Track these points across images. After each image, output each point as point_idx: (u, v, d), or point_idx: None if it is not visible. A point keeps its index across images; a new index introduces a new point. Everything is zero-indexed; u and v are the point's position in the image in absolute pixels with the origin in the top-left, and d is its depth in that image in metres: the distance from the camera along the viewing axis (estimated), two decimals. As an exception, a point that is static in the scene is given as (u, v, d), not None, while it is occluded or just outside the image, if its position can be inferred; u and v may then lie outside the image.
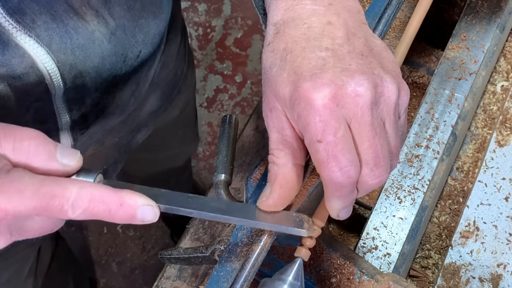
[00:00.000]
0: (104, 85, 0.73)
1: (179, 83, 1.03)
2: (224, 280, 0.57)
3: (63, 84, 0.66)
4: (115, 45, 0.70)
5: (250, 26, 2.38)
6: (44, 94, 0.66)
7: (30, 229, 0.48)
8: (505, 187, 0.84)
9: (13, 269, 1.08)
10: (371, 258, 0.77)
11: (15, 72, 0.62)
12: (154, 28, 0.77)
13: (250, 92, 2.30)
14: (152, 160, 1.36)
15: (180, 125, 1.25)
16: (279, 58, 0.52)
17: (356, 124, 0.48)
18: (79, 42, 0.65)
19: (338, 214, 0.52)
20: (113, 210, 0.46)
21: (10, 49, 0.60)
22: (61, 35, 0.63)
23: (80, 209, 0.45)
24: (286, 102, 0.50)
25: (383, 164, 0.50)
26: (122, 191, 0.47)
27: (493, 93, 0.95)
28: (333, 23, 0.52)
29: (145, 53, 0.77)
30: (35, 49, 0.61)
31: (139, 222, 0.48)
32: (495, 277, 0.78)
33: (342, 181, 0.48)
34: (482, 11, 0.93)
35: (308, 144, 0.49)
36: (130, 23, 0.71)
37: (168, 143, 1.31)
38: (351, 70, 0.49)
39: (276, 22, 0.54)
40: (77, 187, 0.46)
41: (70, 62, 0.65)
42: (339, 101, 0.48)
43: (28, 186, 0.44)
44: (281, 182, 0.52)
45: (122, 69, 0.74)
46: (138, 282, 2.01)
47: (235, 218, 0.51)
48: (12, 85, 0.63)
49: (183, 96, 1.11)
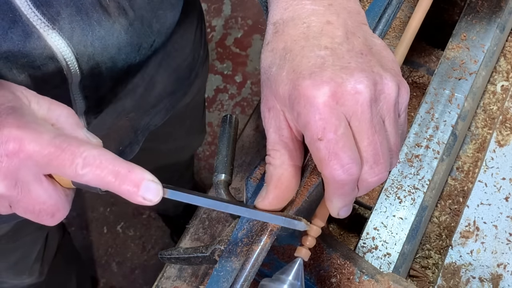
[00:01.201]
0: (119, 74, 0.74)
1: (197, 67, 1.04)
2: (224, 280, 0.57)
3: (80, 74, 0.68)
4: (131, 35, 0.71)
5: (250, 26, 2.38)
6: (61, 82, 0.68)
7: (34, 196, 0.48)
8: (505, 187, 0.84)
9: (21, 252, 1.11)
10: (371, 258, 0.77)
11: (34, 63, 0.63)
12: (170, 19, 0.78)
13: (250, 92, 2.30)
14: (158, 152, 1.35)
15: (189, 113, 1.25)
16: (279, 57, 0.52)
17: (356, 121, 0.48)
18: (100, 34, 0.67)
19: (338, 213, 0.52)
20: (120, 175, 0.47)
21: (32, 41, 0.61)
22: (83, 28, 0.65)
23: (89, 166, 0.46)
24: (286, 101, 0.50)
25: (382, 161, 0.50)
26: (132, 163, 0.48)
27: (493, 93, 0.95)
28: (332, 23, 0.52)
29: (158, 42, 0.78)
30: (56, 41, 0.63)
31: (140, 199, 0.47)
32: (495, 277, 0.78)
33: (344, 178, 0.48)
34: (482, 11, 0.93)
35: (308, 142, 0.49)
36: (148, 14, 0.73)
37: (176, 133, 1.31)
38: (350, 68, 0.49)
39: (275, 22, 0.54)
40: (91, 146, 0.48)
41: (88, 53, 0.67)
42: (338, 98, 0.48)
43: (49, 132, 0.47)
44: (276, 183, 0.52)
45: (136, 59, 0.75)
46: (138, 282, 2.01)
47: (236, 207, 0.52)
48: (32, 75, 0.64)
49: (200, 80, 1.12)
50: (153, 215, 2.07)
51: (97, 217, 2.09)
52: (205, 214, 0.88)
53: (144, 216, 2.09)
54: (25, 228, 1.04)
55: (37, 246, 1.17)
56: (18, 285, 1.23)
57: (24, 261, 1.15)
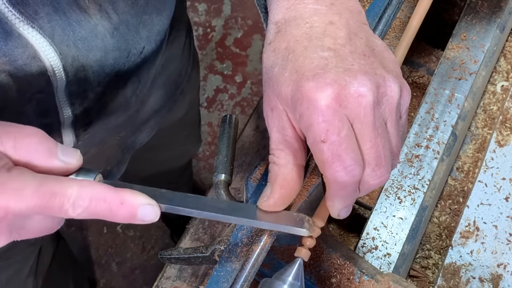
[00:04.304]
0: (107, 80, 0.73)
1: (183, 84, 1.03)
2: (224, 280, 0.56)
3: (65, 76, 0.66)
4: (117, 40, 0.70)
5: (250, 26, 2.38)
6: (46, 86, 0.66)
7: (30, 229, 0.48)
8: (505, 187, 0.84)
9: (13, 269, 1.08)
10: (371, 258, 0.77)
11: (17, 62, 0.62)
12: (158, 25, 0.77)
13: (250, 92, 2.30)
14: (154, 160, 1.35)
15: (184, 126, 1.25)
16: (281, 58, 0.52)
17: (358, 124, 0.48)
18: (81, 34, 0.65)
19: (338, 214, 0.52)
20: (114, 209, 0.46)
21: (13, 39, 0.60)
22: (63, 27, 0.63)
23: (80, 208, 0.46)
24: (288, 102, 0.50)
25: (384, 164, 0.50)
26: (123, 190, 0.47)
27: (493, 93, 0.95)
28: (335, 23, 0.52)
29: (148, 50, 0.77)
30: (37, 40, 0.61)
31: (140, 221, 0.48)
32: (495, 277, 0.78)
33: (346, 180, 0.48)
34: (482, 11, 0.93)
35: (311, 144, 0.49)
36: (133, 19, 0.71)
37: (172, 144, 1.30)
38: (354, 70, 0.49)
39: (277, 21, 0.54)
40: (78, 186, 0.46)
41: (72, 54, 0.66)
42: (341, 101, 0.48)
43: (29, 185, 0.45)
44: (282, 183, 0.52)
45: (125, 65, 0.74)
46: (138, 282, 2.01)
47: (236, 218, 0.51)
48: (13, 75, 0.63)
49: (188, 97, 1.11)
50: (153, 215, 2.07)
51: (97, 217, 2.09)
52: (205, 214, 0.88)
53: (144, 216, 2.08)
54: (16, 247, 1.02)
55: (30, 262, 1.14)
56: None
57: (16, 277, 1.11)
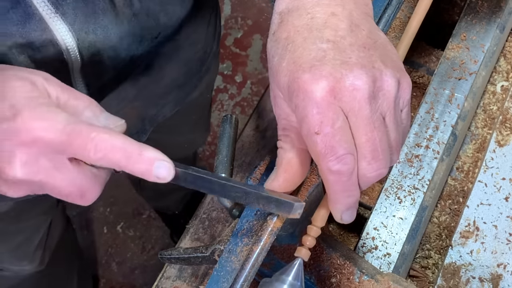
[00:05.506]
0: (122, 63, 0.75)
1: (208, 61, 1.03)
2: (224, 280, 0.57)
3: (80, 60, 0.68)
4: (133, 26, 0.72)
5: (250, 26, 2.38)
6: (62, 67, 0.68)
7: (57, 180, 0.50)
8: (505, 187, 0.84)
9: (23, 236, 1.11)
10: (371, 258, 0.77)
11: (33, 44, 0.64)
12: (179, 13, 0.78)
13: (250, 92, 2.30)
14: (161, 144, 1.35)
15: (195, 108, 1.25)
16: (281, 47, 0.52)
17: (353, 117, 0.48)
18: (103, 23, 0.67)
19: (341, 216, 0.52)
20: (132, 159, 0.49)
21: (33, 22, 0.62)
22: (86, 15, 0.65)
23: (101, 152, 0.49)
24: (285, 92, 0.50)
25: (381, 157, 0.50)
26: (142, 144, 0.51)
27: (493, 93, 0.95)
28: (337, 14, 0.52)
29: (164, 35, 0.78)
30: (58, 25, 0.64)
31: (154, 178, 0.50)
32: (495, 277, 0.78)
33: (339, 168, 0.48)
34: (482, 11, 0.93)
35: (305, 136, 0.49)
36: (156, 7, 0.73)
37: (180, 127, 1.30)
38: (351, 63, 0.49)
39: (281, 11, 0.54)
40: (102, 132, 0.50)
41: (89, 40, 0.67)
42: (336, 94, 0.48)
43: (62, 120, 0.49)
44: (286, 167, 0.53)
45: (139, 49, 0.76)
46: (138, 282, 2.01)
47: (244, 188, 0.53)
48: (32, 57, 0.65)
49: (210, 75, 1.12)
50: (153, 215, 2.07)
51: (97, 217, 2.09)
52: (205, 214, 0.88)
53: (144, 216, 2.08)
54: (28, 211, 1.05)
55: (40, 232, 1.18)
56: (18, 272, 1.23)
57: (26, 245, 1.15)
